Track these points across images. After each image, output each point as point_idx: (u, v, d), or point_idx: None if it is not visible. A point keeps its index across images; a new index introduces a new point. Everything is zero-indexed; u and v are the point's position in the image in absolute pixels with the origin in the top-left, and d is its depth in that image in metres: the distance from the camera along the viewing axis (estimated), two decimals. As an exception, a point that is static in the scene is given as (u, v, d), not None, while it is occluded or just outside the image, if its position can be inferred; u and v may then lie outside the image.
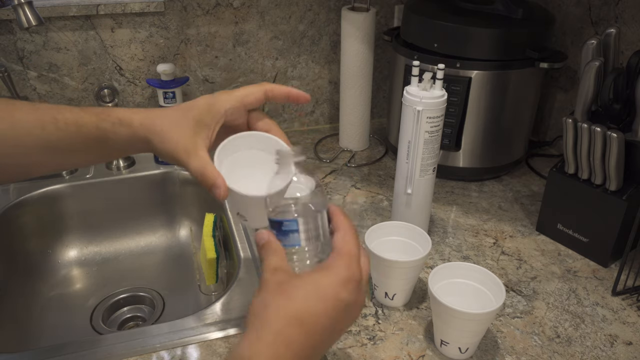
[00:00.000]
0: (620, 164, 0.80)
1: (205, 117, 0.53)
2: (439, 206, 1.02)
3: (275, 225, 0.49)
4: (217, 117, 0.53)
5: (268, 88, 0.55)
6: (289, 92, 0.56)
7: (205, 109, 0.53)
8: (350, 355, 0.70)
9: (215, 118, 0.53)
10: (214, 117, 0.53)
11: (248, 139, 0.56)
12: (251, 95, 0.55)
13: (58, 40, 1.07)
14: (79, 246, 1.10)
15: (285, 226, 0.48)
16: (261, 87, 0.55)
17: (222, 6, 1.13)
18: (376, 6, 1.16)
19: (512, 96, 1.03)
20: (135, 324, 1.00)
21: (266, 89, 0.55)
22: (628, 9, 0.99)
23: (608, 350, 0.72)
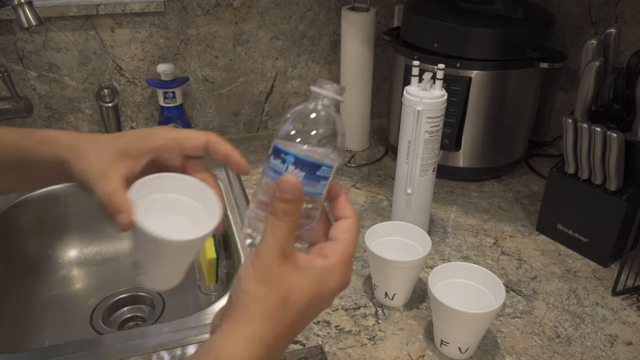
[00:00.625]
0: (620, 164, 0.80)
1: (132, 148, 0.47)
2: (439, 206, 1.02)
3: (307, 167, 0.41)
4: (144, 150, 0.47)
5: (212, 140, 0.48)
6: (229, 155, 0.48)
7: (135, 139, 0.48)
8: (350, 355, 0.70)
9: (142, 151, 0.47)
10: (142, 150, 0.47)
11: (175, 182, 0.47)
12: (191, 139, 0.48)
13: (58, 40, 1.07)
14: (79, 246, 1.10)
15: (322, 171, 0.41)
16: (204, 136, 0.48)
17: (222, 6, 1.13)
18: (376, 6, 1.16)
19: (512, 96, 1.03)
20: (135, 324, 1.00)
21: (209, 139, 0.48)
22: (628, 9, 0.99)
23: (608, 350, 0.72)
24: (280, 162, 0.41)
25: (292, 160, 0.40)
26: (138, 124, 1.19)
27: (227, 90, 1.22)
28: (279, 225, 0.40)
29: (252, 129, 1.29)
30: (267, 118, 1.29)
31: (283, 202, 0.39)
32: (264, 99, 1.26)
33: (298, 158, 0.40)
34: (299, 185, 0.40)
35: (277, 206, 0.40)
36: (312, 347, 0.72)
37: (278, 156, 0.41)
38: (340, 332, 0.74)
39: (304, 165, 0.40)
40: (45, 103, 1.11)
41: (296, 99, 1.28)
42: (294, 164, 0.40)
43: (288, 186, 0.39)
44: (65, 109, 1.13)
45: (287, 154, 0.41)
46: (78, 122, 1.15)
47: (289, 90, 1.27)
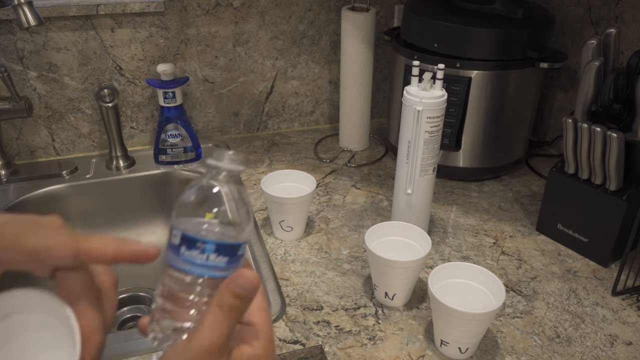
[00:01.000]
0: (620, 164, 0.80)
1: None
2: (439, 206, 1.02)
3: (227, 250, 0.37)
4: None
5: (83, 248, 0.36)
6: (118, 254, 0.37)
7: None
8: (350, 355, 0.70)
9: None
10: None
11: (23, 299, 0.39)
12: (52, 251, 0.36)
13: (58, 40, 1.07)
14: (79, 246, 1.10)
15: (241, 249, 0.38)
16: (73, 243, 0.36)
17: (222, 6, 1.13)
18: (376, 6, 1.16)
19: (512, 96, 1.03)
20: (135, 324, 1.00)
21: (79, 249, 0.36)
22: (628, 9, 0.99)
23: (608, 350, 0.72)
24: (199, 252, 0.36)
25: (212, 249, 0.36)
26: (138, 123, 1.19)
27: (227, 90, 1.22)
28: (222, 320, 0.35)
29: (252, 129, 1.29)
30: (267, 118, 1.29)
31: (235, 298, 0.35)
32: (264, 99, 1.26)
33: (220, 244, 0.36)
34: (258, 282, 0.36)
35: (226, 300, 0.35)
36: (312, 347, 0.72)
37: (193, 246, 0.36)
38: (340, 332, 0.74)
39: (226, 249, 0.37)
40: (45, 103, 1.11)
41: (296, 99, 1.28)
42: (215, 252, 0.36)
43: (246, 283, 0.36)
44: (65, 109, 1.13)
45: (207, 242, 0.36)
46: (78, 122, 1.15)
47: (289, 90, 1.27)
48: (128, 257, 0.37)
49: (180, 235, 0.37)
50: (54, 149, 1.16)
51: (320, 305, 0.79)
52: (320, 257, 0.88)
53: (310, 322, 0.76)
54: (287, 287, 0.82)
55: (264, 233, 0.94)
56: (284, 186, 0.94)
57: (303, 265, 0.86)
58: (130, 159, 1.14)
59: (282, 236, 0.92)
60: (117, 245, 0.37)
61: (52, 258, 0.36)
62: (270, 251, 0.90)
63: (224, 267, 0.37)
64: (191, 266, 0.36)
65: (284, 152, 1.21)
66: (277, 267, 0.86)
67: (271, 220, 0.92)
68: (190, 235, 0.36)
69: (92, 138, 1.17)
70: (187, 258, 0.36)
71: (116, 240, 0.37)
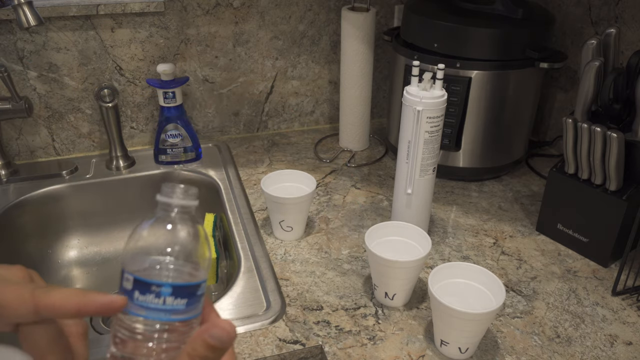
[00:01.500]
0: (620, 164, 0.80)
1: None
2: (439, 206, 1.02)
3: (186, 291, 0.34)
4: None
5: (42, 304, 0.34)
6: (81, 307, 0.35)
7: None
8: (350, 355, 0.70)
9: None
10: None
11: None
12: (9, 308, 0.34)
13: (58, 40, 1.07)
14: (79, 246, 1.10)
15: (201, 289, 0.36)
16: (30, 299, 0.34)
17: (222, 6, 1.13)
18: (376, 6, 1.16)
19: (512, 96, 1.03)
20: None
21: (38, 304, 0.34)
22: (628, 9, 0.99)
23: (608, 350, 0.72)
24: (154, 296, 0.34)
25: (169, 292, 0.34)
26: (138, 123, 1.19)
27: (227, 90, 1.22)
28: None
29: (252, 129, 1.29)
30: (267, 118, 1.29)
31: (208, 349, 0.33)
32: (264, 99, 1.26)
33: (177, 286, 0.34)
34: (234, 333, 0.34)
35: (199, 351, 0.33)
36: (312, 347, 0.72)
37: (148, 290, 0.34)
38: (340, 332, 0.74)
39: (184, 291, 0.34)
40: (45, 103, 1.11)
41: (296, 99, 1.28)
42: (172, 295, 0.34)
43: (222, 334, 0.33)
44: (65, 109, 1.13)
45: (162, 286, 0.34)
46: (78, 122, 1.15)
47: (289, 90, 1.27)
48: (93, 310, 0.35)
49: (132, 279, 0.34)
50: (54, 149, 1.16)
51: (320, 305, 0.79)
52: (320, 257, 0.88)
53: (310, 322, 0.76)
54: (287, 287, 0.82)
55: (264, 233, 0.94)
56: (284, 186, 0.94)
57: (303, 265, 0.86)
58: (130, 159, 1.14)
59: (282, 236, 0.92)
60: (79, 298, 0.35)
61: (10, 315, 0.34)
62: (270, 251, 0.90)
63: (184, 310, 0.34)
64: (147, 312, 0.34)
65: (284, 152, 1.21)
66: (277, 267, 0.86)
67: (271, 220, 0.92)
68: (143, 279, 0.34)
69: (92, 138, 1.18)
70: (141, 303, 0.34)
71: (79, 293, 0.35)
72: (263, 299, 0.79)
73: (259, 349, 0.71)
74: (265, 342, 0.72)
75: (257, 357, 0.70)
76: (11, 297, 0.34)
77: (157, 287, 0.34)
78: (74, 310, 0.34)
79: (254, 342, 0.72)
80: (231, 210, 0.99)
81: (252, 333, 0.73)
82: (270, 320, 0.75)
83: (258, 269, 0.85)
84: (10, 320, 0.35)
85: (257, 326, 0.74)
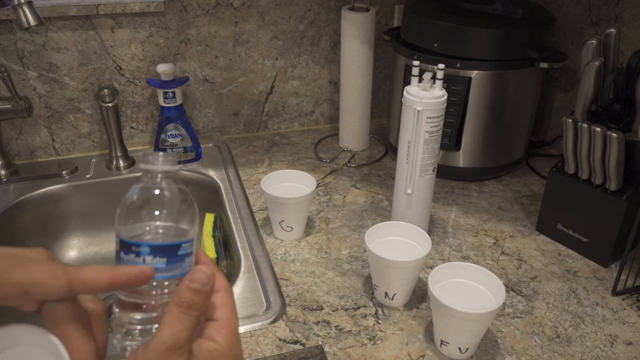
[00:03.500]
0: (620, 164, 0.80)
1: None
2: (439, 206, 1.02)
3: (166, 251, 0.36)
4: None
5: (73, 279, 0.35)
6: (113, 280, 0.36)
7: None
8: (350, 355, 0.70)
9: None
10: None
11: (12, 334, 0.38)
12: (43, 285, 0.35)
13: (58, 40, 1.07)
14: (79, 246, 1.10)
15: (183, 249, 0.38)
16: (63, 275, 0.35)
17: (222, 6, 1.13)
18: (376, 6, 1.16)
19: (512, 96, 1.03)
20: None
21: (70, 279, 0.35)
22: (628, 9, 0.99)
23: (608, 350, 0.72)
24: (134, 255, 0.36)
25: (147, 251, 0.36)
26: (138, 123, 1.19)
27: (227, 90, 1.22)
28: (181, 318, 0.35)
29: (252, 129, 1.29)
30: (267, 118, 1.29)
31: (192, 293, 0.35)
32: (264, 99, 1.26)
33: (153, 246, 0.36)
34: (212, 277, 0.37)
35: (184, 297, 0.35)
36: (312, 347, 0.72)
37: (129, 250, 0.36)
38: (340, 332, 0.74)
39: (162, 251, 0.36)
40: (45, 103, 1.11)
41: (296, 99, 1.28)
42: (150, 254, 0.36)
43: (202, 277, 0.36)
44: (65, 109, 1.13)
45: (140, 245, 0.36)
46: (78, 122, 1.15)
47: (289, 90, 1.27)
48: (124, 282, 0.36)
49: (118, 241, 0.37)
50: (54, 149, 1.16)
51: (320, 305, 0.79)
52: (320, 257, 0.88)
53: (310, 322, 0.76)
54: (287, 287, 0.82)
55: (264, 233, 0.94)
56: (284, 186, 0.94)
57: (303, 265, 0.86)
58: (130, 159, 1.14)
59: (282, 236, 0.92)
60: (111, 272, 0.36)
61: (44, 292, 0.36)
62: (270, 251, 0.90)
63: (164, 268, 0.37)
64: None
65: (284, 152, 1.21)
66: (277, 267, 0.86)
67: (271, 220, 0.92)
68: (124, 239, 0.37)
69: (92, 138, 1.18)
70: (125, 263, 0.37)
71: (109, 267, 0.36)
72: (263, 299, 0.79)
73: (259, 349, 0.71)
74: (265, 342, 0.72)
75: (257, 357, 0.70)
76: (44, 275, 0.35)
77: (137, 247, 0.36)
78: (107, 283, 0.36)
79: (254, 342, 0.72)
80: (231, 210, 0.99)
81: (252, 333, 0.73)
82: (270, 320, 0.75)
83: (258, 269, 0.85)
84: (44, 297, 0.36)
85: (257, 326, 0.74)
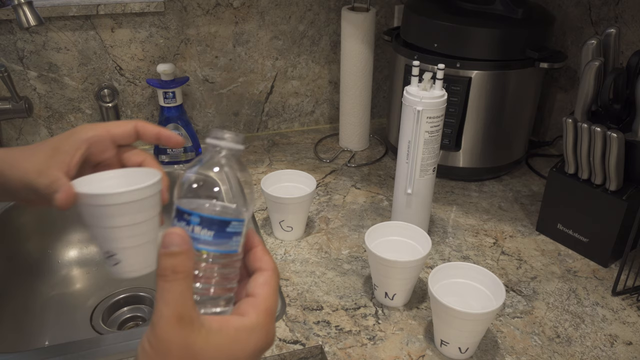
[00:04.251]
0: (620, 164, 0.80)
1: (63, 144, 0.48)
2: (439, 206, 1.02)
3: (217, 224, 0.37)
4: (76, 143, 0.48)
5: (139, 125, 0.50)
6: (159, 133, 0.50)
7: (65, 136, 0.49)
8: (350, 355, 0.70)
9: (74, 145, 0.48)
10: (73, 144, 0.48)
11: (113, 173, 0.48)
12: (119, 127, 0.50)
13: (58, 40, 1.07)
14: (79, 246, 1.10)
15: (232, 227, 0.38)
16: (131, 122, 0.50)
17: (222, 6, 1.13)
18: (376, 6, 1.16)
19: (512, 96, 1.03)
20: (135, 324, 1.00)
21: (136, 124, 0.50)
22: (628, 9, 0.99)
23: (608, 350, 0.72)
24: (185, 223, 0.37)
25: (197, 221, 0.37)
26: (138, 124, 1.19)
27: (227, 90, 1.22)
28: (168, 288, 0.34)
29: (252, 129, 1.29)
30: (267, 118, 1.29)
31: (170, 257, 0.35)
32: (264, 99, 1.26)
33: (203, 217, 0.37)
34: (185, 236, 0.36)
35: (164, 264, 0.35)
36: (312, 347, 0.72)
37: (182, 218, 0.37)
38: (340, 332, 0.74)
39: (211, 223, 0.37)
40: (45, 103, 1.11)
41: (296, 99, 1.28)
42: (199, 224, 0.37)
43: (174, 238, 0.35)
44: (65, 109, 1.13)
45: (191, 214, 0.37)
46: (78, 122, 1.15)
47: (289, 90, 1.27)
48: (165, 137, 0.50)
49: (174, 208, 0.38)
50: (54, 149, 1.16)
51: (320, 305, 0.79)
52: (320, 257, 0.88)
53: (310, 322, 0.76)
54: (287, 287, 0.82)
55: (264, 233, 0.94)
56: (284, 186, 0.94)
57: (303, 265, 0.86)
58: (130, 159, 1.13)
59: (282, 236, 0.92)
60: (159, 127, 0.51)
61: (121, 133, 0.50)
62: (270, 251, 0.90)
63: (211, 241, 0.37)
64: None
65: (284, 152, 1.21)
66: (277, 267, 0.86)
67: (271, 220, 0.92)
68: (179, 207, 0.38)
69: (92, 138, 1.17)
70: None
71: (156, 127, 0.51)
72: (263, 299, 0.79)
73: (259, 349, 0.71)
74: (265, 342, 0.72)
75: (257, 357, 0.70)
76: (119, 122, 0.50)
77: (188, 216, 0.37)
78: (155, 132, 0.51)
79: (254, 342, 0.72)
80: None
81: (252, 333, 0.73)
82: (270, 320, 0.75)
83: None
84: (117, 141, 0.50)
85: (257, 326, 0.74)
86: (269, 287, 0.39)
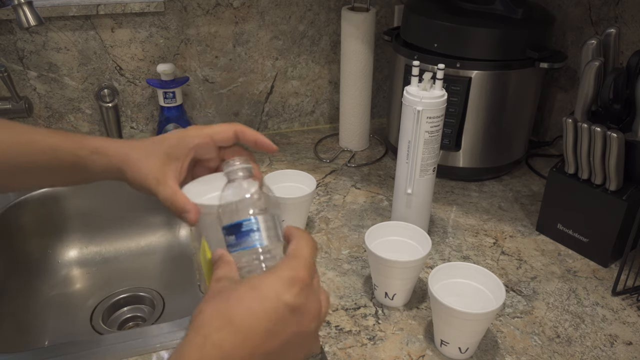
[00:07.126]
0: (620, 164, 0.80)
1: (175, 151, 0.54)
2: (439, 206, 1.02)
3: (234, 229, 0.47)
4: (185, 150, 0.55)
5: (238, 129, 0.56)
6: (257, 139, 0.56)
7: (175, 143, 0.55)
8: (350, 355, 0.70)
9: (184, 152, 0.54)
10: (183, 150, 0.54)
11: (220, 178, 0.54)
12: (221, 133, 0.55)
13: (58, 40, 1.07)
14: (79, 246, 1.10)
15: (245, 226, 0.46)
16: (231, 127, 0.56)
17: (222, 6, 1.13)
18: (376, 6, 1.16)
19: (512, 96, 1.03)
20: (135, 324, 1.00)
21: (236, 129, 0.56)
22: (628, 9, 0.99)
23: (608, 350, 0.72)
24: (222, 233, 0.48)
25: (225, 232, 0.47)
26: (138, 123, 1.19)
27: (227, 90, 1.22)
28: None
29: (252, 128, 1.28)
30: (267, 118, 1.29)
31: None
32: (264, 99, 1.26)
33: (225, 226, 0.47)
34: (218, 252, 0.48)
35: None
36: (312, 347, 0.72)
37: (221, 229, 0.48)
38: (340, 332, 0.74)
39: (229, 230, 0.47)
40: (45, 103, 1.11)
41: (296, 99, 1.28)
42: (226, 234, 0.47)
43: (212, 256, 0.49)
44: (65, 109, 1.13)
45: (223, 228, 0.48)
46: (78, 122, 1.15)
47: (289, 90, 1.27)
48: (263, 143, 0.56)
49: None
50: (54, 149, 1.16)
51: (320, 305, 0.79)
52: (320, 257, 0.88)
53: (310, 322, 0.76)
54: (287, 287, 0.82)
55: (264, 233, 0.94)
56: (284, 186, 0.94)
57: (303, 265, 0.86)
58: (130, 159, 1.14)
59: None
60: (257, 132, 0.56)
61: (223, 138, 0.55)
62: (270, 251, 0.89)
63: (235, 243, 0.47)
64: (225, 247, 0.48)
65: (284, 152, 1.21)
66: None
67: (271, 220, 0.92)
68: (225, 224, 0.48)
69: (92, 138, 1.17)
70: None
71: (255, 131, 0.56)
72: (263, 299, 0.79)
73: (259, 349, 0.71)
74: (265, 342, 0.72)
75: (257, 357, 0.70)
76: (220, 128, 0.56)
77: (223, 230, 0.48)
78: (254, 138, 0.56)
79: (254, 342, 0.72)
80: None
81: (252, 333, 0.73)
82: (270, 320, 0.75)
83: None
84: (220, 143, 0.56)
85: (257, 326, 0.74)
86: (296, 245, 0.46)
